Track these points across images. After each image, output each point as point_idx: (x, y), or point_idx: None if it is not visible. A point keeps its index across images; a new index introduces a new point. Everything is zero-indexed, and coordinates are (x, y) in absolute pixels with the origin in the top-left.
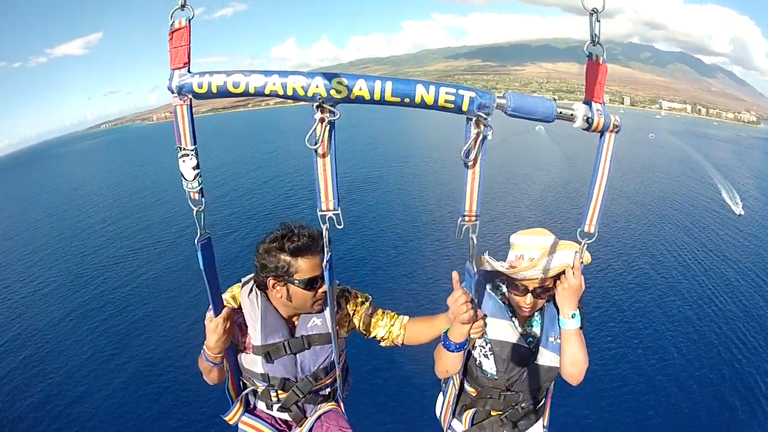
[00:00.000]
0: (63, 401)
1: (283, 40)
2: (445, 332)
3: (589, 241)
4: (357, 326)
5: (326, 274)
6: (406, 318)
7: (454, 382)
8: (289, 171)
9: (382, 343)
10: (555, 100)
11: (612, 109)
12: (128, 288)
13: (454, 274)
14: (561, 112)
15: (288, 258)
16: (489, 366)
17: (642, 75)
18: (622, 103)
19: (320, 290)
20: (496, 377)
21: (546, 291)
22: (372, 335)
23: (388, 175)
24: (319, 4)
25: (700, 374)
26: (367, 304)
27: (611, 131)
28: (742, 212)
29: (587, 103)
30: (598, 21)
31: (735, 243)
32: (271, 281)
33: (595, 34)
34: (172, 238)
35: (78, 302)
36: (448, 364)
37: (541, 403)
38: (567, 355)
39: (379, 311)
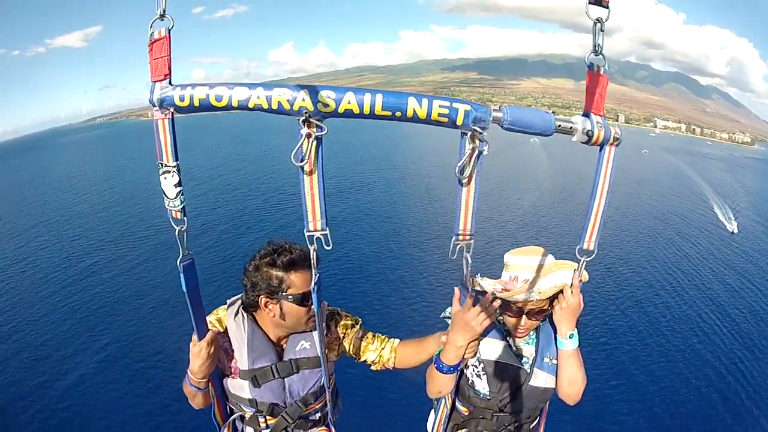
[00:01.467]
0: (48, 379)
1: (281, 44)
2: (438, 354)
3: (588, 259)
4: (347, 350)
5: (314, 297)
6: (397, 341)
7: (446, 402)
8: (276, 181)
9: (373, 367)
10: (554, 112)
11: None
12: (117, 272)
13: (456, 290)
14: (560, 125)
15: (280, 273)
16: (482, 386)
17: (637, 94)
18: (617, 120)
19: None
20: (489, 397)
21: (542, 312)
22: (362, 359)
23: (378, 187)
24: (319, 10)
25: (692, 390)
26: (357, 326)
27: (611, 144)
28: (736, 230)
29: (587, 115)
30: (602, 31)
31: (730, 260)
32: (263, 300)
33: (598, 44)
34: (164, 224)
35: (66, 284)
36: (440, 385)
37: (534, 423)
38: (565, 376)
39: (369, 334)
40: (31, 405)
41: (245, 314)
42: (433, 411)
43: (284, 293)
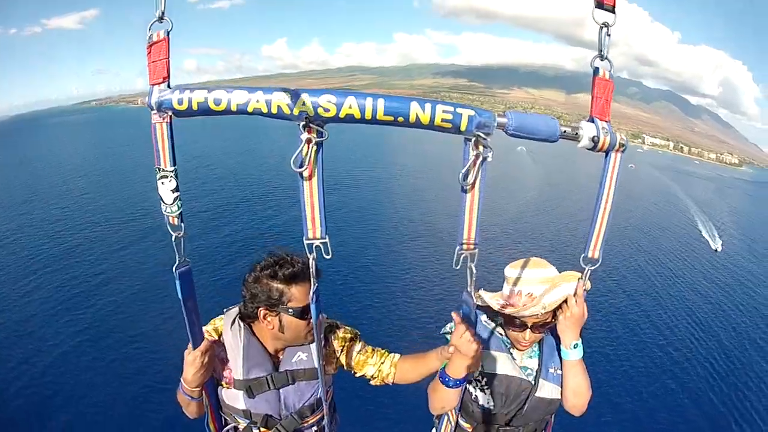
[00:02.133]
0: (30, 356)
1: (274, 40)
2: (443, 368)
3: (593, 268)
4: (345, 364)
5: (313, 307)
6: (397, 356)
7: (449, 418)
8: (276, 182)
9: (372, 382)
10: (559, 118)
11: None
12: (100, 254)
13: (455, 315)
14: (565, 131)
15: (281, 286)
16: (486, 400)
17: (627, 109)
18: None
19: None
20: (493, 411)
21: (545, 325)
22: (361, 373)
23: (377, 191)
24: (315, 7)
25: (673, 409)
26: (356, 340)
27: (617, 150)
28: (720, 248)
29: (592, 120)
30: (609, 35)
31: (712, 277)
32: (262, 312)
33: (604, 49)
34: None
35: (50, 262)
36: (445, 400)
37: None
38: (570, 387)
39: (369, 348)
40: (13, 382)
41: (242, 324)
42: (434, 429)
43: (284, 306)
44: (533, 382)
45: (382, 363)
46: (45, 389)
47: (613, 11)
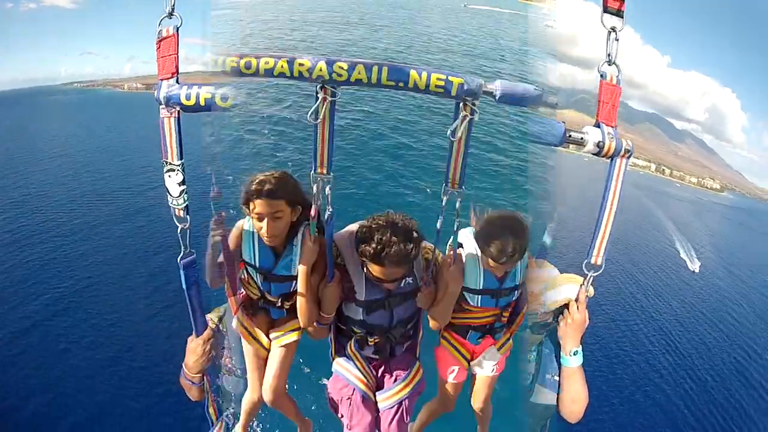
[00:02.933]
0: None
1: None
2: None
3: (595, 274)
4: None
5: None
6: None
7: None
8: None
9: None
10: (564, 123)
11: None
12: (79, 230)
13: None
14: (570, 136)
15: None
16: None
17: None
18: None
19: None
20: None
21: (544, 327)
22: None
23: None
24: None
25: (647, 417)
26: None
27: (622, 156)
28: (698, 269)
29: (598, 125)
30: (617, 40)
31: (689, 297)
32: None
33: (610, 54)
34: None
35: (27, 236)
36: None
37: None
38: (568, 393)
39: None
40: None
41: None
42: None
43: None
44: (530, 387)
45: None
46: (26, 368)
47: (620, 15)
